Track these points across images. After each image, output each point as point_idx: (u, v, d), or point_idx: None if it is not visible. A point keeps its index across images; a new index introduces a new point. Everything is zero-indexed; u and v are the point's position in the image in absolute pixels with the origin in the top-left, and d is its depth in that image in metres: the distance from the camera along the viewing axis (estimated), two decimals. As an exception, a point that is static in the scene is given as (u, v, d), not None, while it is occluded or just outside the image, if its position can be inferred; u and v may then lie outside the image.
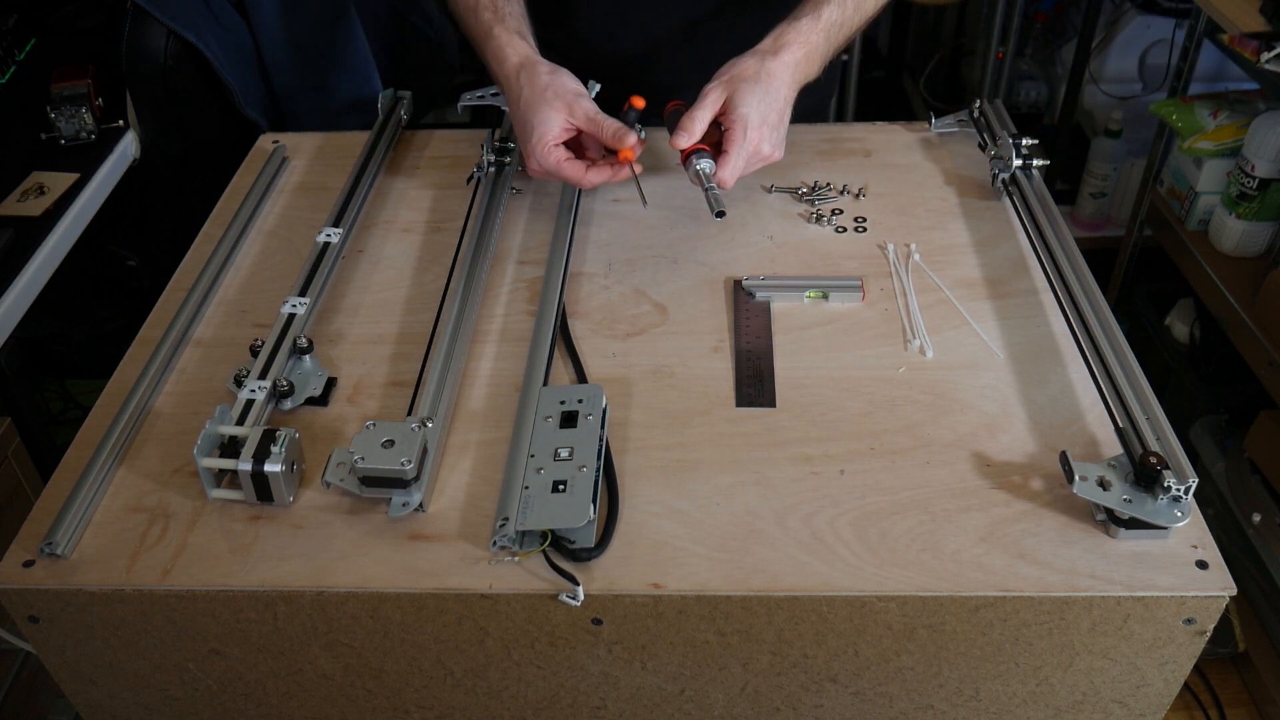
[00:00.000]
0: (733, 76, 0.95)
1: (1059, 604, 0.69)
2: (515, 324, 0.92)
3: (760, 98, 0.94)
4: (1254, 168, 1.63)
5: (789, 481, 0.77)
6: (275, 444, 0.74)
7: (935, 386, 0.84)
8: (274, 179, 1.11)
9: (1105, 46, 2.38)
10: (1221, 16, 1.62)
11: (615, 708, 0.79)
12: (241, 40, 1.58)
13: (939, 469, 0.77)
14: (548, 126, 0.95)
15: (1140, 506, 0.71)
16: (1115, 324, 0.84)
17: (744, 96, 0.93)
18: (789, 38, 0.98)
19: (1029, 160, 1.03)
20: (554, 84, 0.96)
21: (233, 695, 0.80)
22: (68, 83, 1.51)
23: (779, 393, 0.84)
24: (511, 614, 0.72)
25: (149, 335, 0.93)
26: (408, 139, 1.18)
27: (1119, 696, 0.76)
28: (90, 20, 1.82)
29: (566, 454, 0.75)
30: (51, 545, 0.72)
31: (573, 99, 0.96)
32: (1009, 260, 0.97)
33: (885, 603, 0.70)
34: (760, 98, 0.94)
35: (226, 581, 0.72)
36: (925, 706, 0.78)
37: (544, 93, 0.96)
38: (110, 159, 1.50)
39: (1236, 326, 1.66)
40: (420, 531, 0.74)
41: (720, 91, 0.95)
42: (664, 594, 0.70)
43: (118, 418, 0.81)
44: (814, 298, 0.94)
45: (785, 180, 1.09)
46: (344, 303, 0.96)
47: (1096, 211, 2.33)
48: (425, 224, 1.05)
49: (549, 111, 0.95)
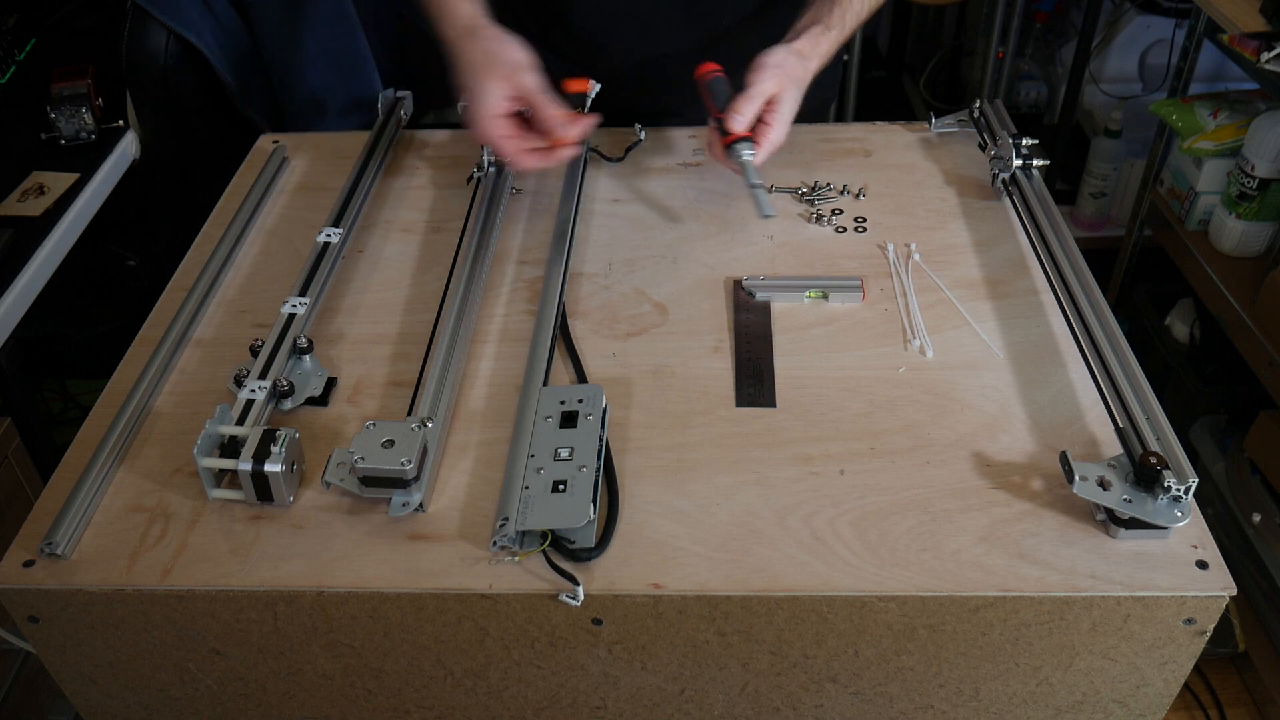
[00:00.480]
0: (783, 75, 0.97)
1: (1059, 604, 0.69)
2: (515, 324, 0.92)
3: (798, 101, 0.98)
4: (1254, 168, 1.63)
5: (789, 481, 0.77)
6: (275, 444, 0.74)
7: (935, 386, 0.84)
8: (274, 179, 1.11)
9: (1105, 46, 2.38)
10: (1221, 16, 1.62)
11: (615, 708, 0.79)
12: (241, 40, 1.59)
13: (939, 469, 0.77)
14: (488, 97, 0.93)
15: (1140, 506, 0.71)
16: (1115, 324, 0.84)
17: (789, 97, 0.97)
18: (821, 47, 1.01)
19: (1029, 160, 1.03)
20: (498, 52, 0.94)
21: (233, 695, 0.80)
22: (68, 83, 1.51)
23: (779, 393, 0.84)
24: (511, 614, 0.72)
25: (149, 335, 0.93)
26: (408, 139, 1.18)
27: (1119, 696, 0.76)
28: (90, 20, 1.82)
29: (566, 454, 0.75)
30: (51, 545, 0.72)
31: (515, 71, 0.94)
32: (1009, 260, 0.97)
33: (885, 603, 0.70)
34: (798, 101, 0.98)
35: (226, 581, 0.72)
36: (925, 706, 0.78)
37: (487, 59, 0.94)
38: (110, 159, 1.50)
39: (1236, 326, 1.66)
40: (420, 531, 0.74)
41: (773, 88, 0.96)
42: (664, 594, 0.70)
43: (118, 418, 0.81)
44: (814, 298, 0.94)
45: (785, 180, 1.09)
46: (344, 303, 0.96)
47: (1096, 211, 2.33)
48: (425, 224, 1.05)
49: (490, 82, 0.93)
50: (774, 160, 1.12)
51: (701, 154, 1.13)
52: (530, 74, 0.94)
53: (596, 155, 1.13)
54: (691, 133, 1.16)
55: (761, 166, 0.96)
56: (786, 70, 0.97)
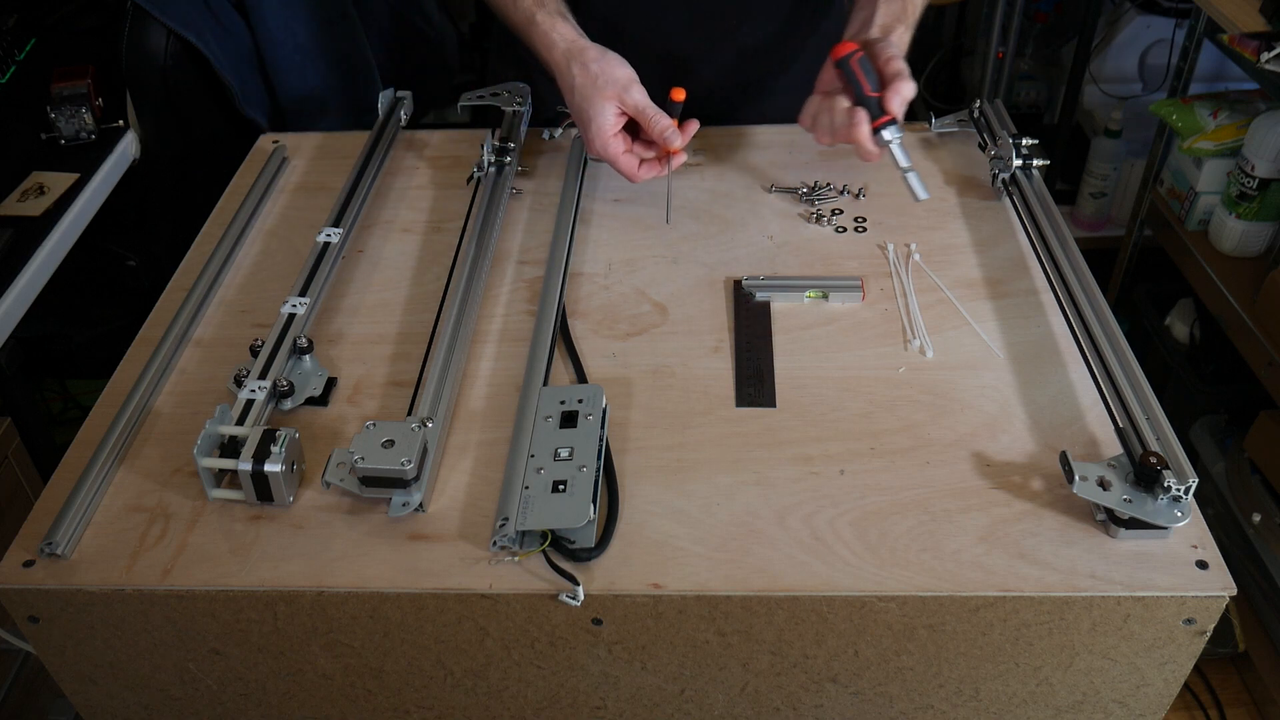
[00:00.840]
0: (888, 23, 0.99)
1: (1059, 604, 0.69)
2: (515, 324, 0.92)
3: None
4: (1254, 168, 1.63)
5: (789, 481, 0.77)
6: (275, 444, 0.74)
7: (935, 386, 0.84)
8: (274, 179, 1.11)
9: (1105, 46, 2.38)
10: (1221, 16, 1.62)
11: (615, 708, 0.79)
12: (241, 40, 1.58)
13: (939, 469, 0.77)
14: (603, 119, 0.97)
15: (1140, 506, 0.71)
16: (1115, 324, 0.84)
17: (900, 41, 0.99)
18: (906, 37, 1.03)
19: (1029, 160, 1.03)
20: (604, 73, 0.98)
21: (233, 695, 0.80)
22: (68, 83, 1.51)
23: (779, 393, 0.84)
24: (511, 614, 0.72)
25: (149, 335, 0.93)
26: (408, 139, 1.18)
27: (1119, 696, 0.76)
28: (90, 20, 1.82)
29: (566, 454, 0.75)
30: (51, 545, 0.72)
31: (623, 89, 0.98)
32: (1009, 260, 0.97)
33: (885, 603, 0.70)
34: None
35: (226, 581, 0.72)
36: (925, 706, 0.78)
37: (595, 81, 0.98)
38: (110, 159, 1.50)
39: (1236, 326, 1.66)
40: (420, 531, 0.74)
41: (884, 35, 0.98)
42: (664, 594, 0.70)
43: (118, 418, 0.81)
44: (814, 298, 0.94)
45: (785, 180, 1.09)
46: (344, 303, 0.96)
47: (1096, 211, 2.33)
48: (425, 224, 1.05)
49: (602, 103, 0.97)
50: (774, 160, 1.12)
51: (701, 154, 1.13)
52: (637, 89, 0.98)
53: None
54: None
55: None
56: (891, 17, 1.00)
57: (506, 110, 1.13)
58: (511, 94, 1.14)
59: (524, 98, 1.13)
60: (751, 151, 1.14)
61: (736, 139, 1.15)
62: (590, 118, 0.98)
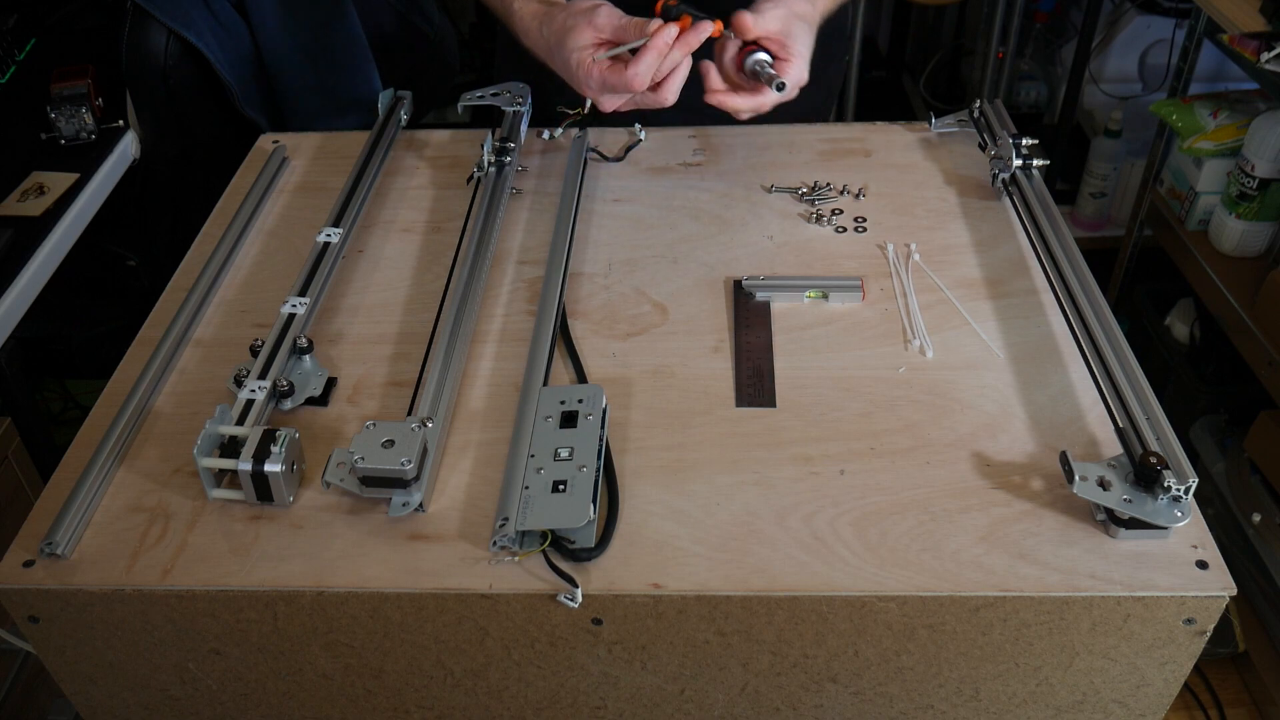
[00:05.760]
0: (788, 12, 0.97)
1: (1059, 604, 0.69)
2: (515, 324, 0.92)
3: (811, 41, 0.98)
4: (1254, 168, 1.64)
5: (789, 481, 0.77)
6: (275, 444, 0.74)
7: (935, 386, 0.84)
8: (274, 179, 1.11)
9: (1105, 46, 2.38)
10: (1221, 16, 1.62)
11: (615, 708, 0.79)
12: (241, 40, 1.58)
13: (939, 469, 0.77)
14: (578, 48, 0.95)
15: (1140, 506, 0.71)
16: (1115, 324, 0.84)
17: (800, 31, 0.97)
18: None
19: (1029, 160, 1.03)
20: (568, 11, 0.96)
21: (233, 695, 0.80)
22: (68, 83, 1.51)
23: (779, 393, 0.84)
24: (511, 614, 0.72)
25: (149, 335, 0.93)
26: (408, 139, 1.18)
27: (1119, 696, 0.76)
28: (90, 20, 1.82)
29: (566, 454, 0.75)
30: (51, 545, 0.72)
31: (590, 14, 0.95)
32: (1009, 260, 0.97)
33: (885, 603, 0.70)
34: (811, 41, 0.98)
35: (226, 581, 0.72)
36: (925, 706, 0.78)
37: (564, 24, 0.96)
38: (110, 159, 1.50)
39: (1236, 326, 1.66)
40: (420, 531, 0.74)
41: (781, 25, 0.96)
42: (664, 594, 0.70)
43: (118, 418, 0.81)
44: (814, 298, 0.94)
45: (785, 180, 1.09)
46: (344, 303, 0.96)
47: (1096, 211, 2.34)
48: (425, 224, 1.05)
49: (574, 36, 0.95)
50: (774, 160, 1.12)
51: (701, 154, 1.13)
52: (607, 8, 0.95)
53: (597, 155, 1.13)
54: (691, 133, 1.16)
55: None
56: (790, 6, 0.97)
57: (506, 110, 1.13)
58: (511, 94, 1.14)
59: (524, 98, 1.13)
60: (751, 151, 1.14)
61: (736, 139, 1.16)
62: (567, 56, 0.95)
